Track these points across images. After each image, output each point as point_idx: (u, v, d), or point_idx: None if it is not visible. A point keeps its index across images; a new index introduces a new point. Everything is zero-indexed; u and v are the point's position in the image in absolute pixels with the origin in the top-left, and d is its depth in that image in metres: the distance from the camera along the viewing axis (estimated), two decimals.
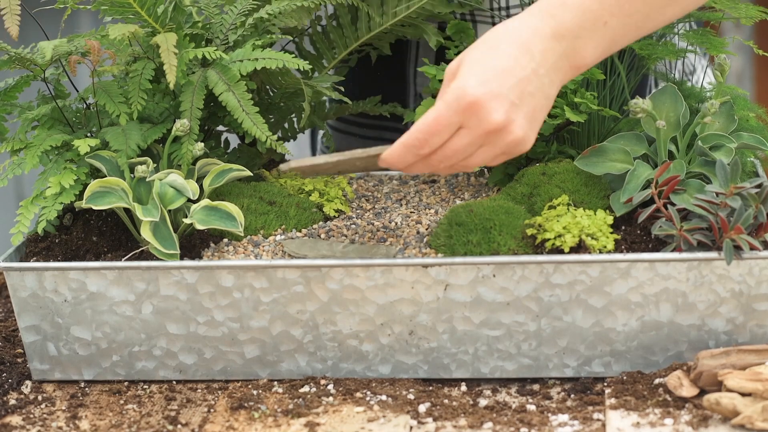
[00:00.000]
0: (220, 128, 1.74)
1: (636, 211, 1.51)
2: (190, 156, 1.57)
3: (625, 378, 1.47)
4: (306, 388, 1.51)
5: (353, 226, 1.61)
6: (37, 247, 1.59)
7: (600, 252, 1.48)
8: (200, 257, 1.55)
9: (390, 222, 1.62)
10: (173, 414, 1.47)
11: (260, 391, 1.51)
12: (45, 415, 1.48)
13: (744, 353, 1.43)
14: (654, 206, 1.49)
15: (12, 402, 1.51)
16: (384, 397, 1.47)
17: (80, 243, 1.58)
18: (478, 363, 1.51)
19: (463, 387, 1.51)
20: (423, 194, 1.72)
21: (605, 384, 1.49)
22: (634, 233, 1.52)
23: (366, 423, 1.42)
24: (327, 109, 1.83)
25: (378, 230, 1.60)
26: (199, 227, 1.52)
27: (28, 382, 1.56)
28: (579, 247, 1.49)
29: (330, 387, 1.50)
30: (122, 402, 1.51)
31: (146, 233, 1.51)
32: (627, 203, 1.51)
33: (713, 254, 1.45)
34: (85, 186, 1.55)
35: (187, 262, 1.50)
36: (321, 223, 1.63)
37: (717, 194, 1.47)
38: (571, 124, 1.67)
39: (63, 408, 1.50)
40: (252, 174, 1.63)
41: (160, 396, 1.52)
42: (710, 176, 1.52)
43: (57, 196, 1.55)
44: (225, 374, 1.54)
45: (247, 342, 1.52)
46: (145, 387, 1.54)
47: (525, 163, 1.67)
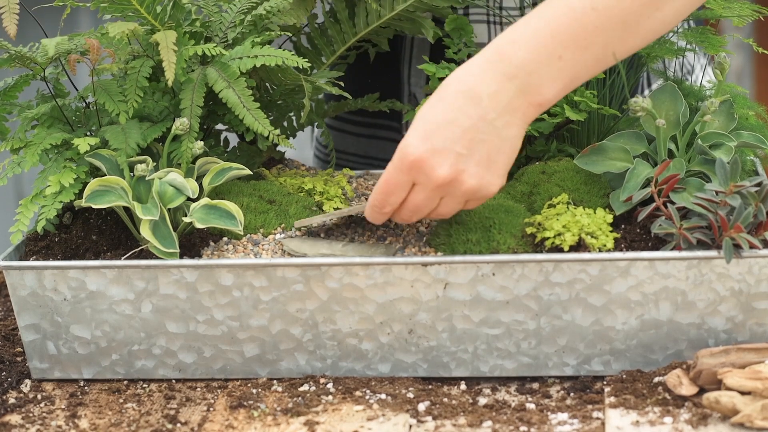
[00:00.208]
0: (220, 127, 1.74)
1: (636, 210, 1.51)
2: (190, 154, 1.57)
3: (625, 376, 1.47)
4: (305, 387, 1.51)
5: (353, 225, 1.61)
6: (37, 246, 1.59)
7: (599, 251, 1.48)
8: (200, 256, 1.55)
9: (389, 221, 1.62)
10: (173, 413, 1.47)
11: (260, 390, 1.51)
12: (44, 414, 1.48)
13: (743, 352, 1.43)
14: (654, 205, 1.49)
15: (11, 401, 1.51)
16: (383, 396, 1.47)
17: (80, 242, 1.58)
18: (478, 362, 1.51)
19: (463, 386, 1.51)
20: None
21: (605, 382, 1.49)
22: (634, 232, 1.51)
23: (365, 422, 1.42)
24: (326, 107, 1.83)
25: (377, 229, 1.60)
26: (199, 226, 1.52)
27: (28, 381, 1.56)
28: (578, 246, 1.49)
29: (329, 386, 1.50)
30: (122, 401, 1.51)
31: (146, 232, 1.51)
32: (626, 202, 1.51)
33: (713, 253, 1.45)
34: (85, 185, 1.55)
35: (187, 261, 1.50)
36: None
37: (717, 193, 1.47)
38: (571, 123, 1.67)
39: (62, 407, 1.50)
40: (252, 173, 1.63)
41: (160, 395, 1.52)
42: (710, 175, 1.52)
43: (56, 195, 1.55)
44: (224, 373, 1.54)
45: (247, 341, 1.52)
46: (145, 386, 1.54)
47: (525, 162, 1.67)
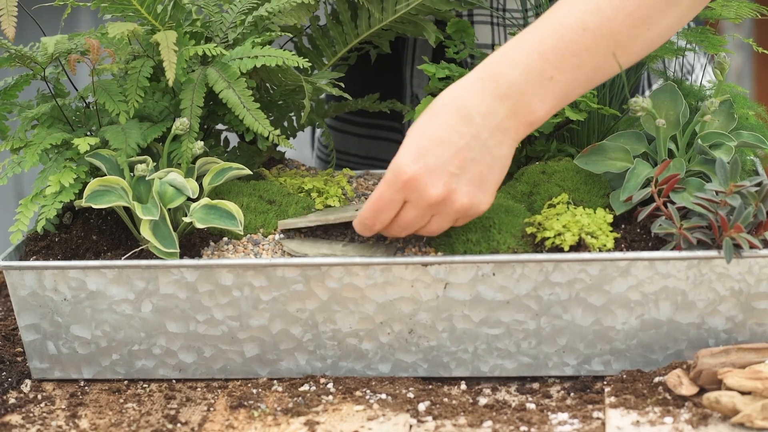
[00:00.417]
0: (220, 127, 1.74)
1: (636, 210, 1.51)
2: (190, 154, 1.57)
3: (625, 376, 1.47)
4: (306, 387, 1.50)
5: (353, 225, 1.61)
6: (37, 246, 1.59)
7: (600, 250, 1.48)
8: (200, 256, 1.55)
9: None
10: (173, 413, 1.47)
11: (260, 390, 1.51)
12: (45, 414, 1.48)
13: (744, 352, 1.43)
14: (654, 205, 1.49)
15: (12, 401, 1.51)
16: (384, 396, 1.47)
17: (80, 242, 1.58)
18: (478, 361, 1.51)
19: (463, 385, 1.51)
20: None
21: (605, 382, 1.49)
22: (634, 232, 1.51)
23: (366, 421, 1.42)
24: (326, 107, 1.83)
25: None
26: (199, 226, 1.52)
27: (28, 381, 1.56)
28: (579, 246, 1.49)
29: (330, 386, 1.50)
30: (122, 401, 1.51)
31: (146, 232, 1.51)
32: (627, 202, 1.51)
33: (713, 253, 1.45)
34: (85, 185, 1.55)
35: (187, 261, 1.50)
36: None
37: (717, 193, 1.47)
38: (571, 123, 1.67)
39: (63, 407, 1.50)
40: (252, 173, 1.63)
41: (160, 395, 1.52)
42: (710, 174, 1.52)
43: (56, 195, 1.55)
44: (224, 373, 1.54)
45: (247, 341, 1.52)
46: (145, 386, 1.54)
47: (525, 162, 1.67)
